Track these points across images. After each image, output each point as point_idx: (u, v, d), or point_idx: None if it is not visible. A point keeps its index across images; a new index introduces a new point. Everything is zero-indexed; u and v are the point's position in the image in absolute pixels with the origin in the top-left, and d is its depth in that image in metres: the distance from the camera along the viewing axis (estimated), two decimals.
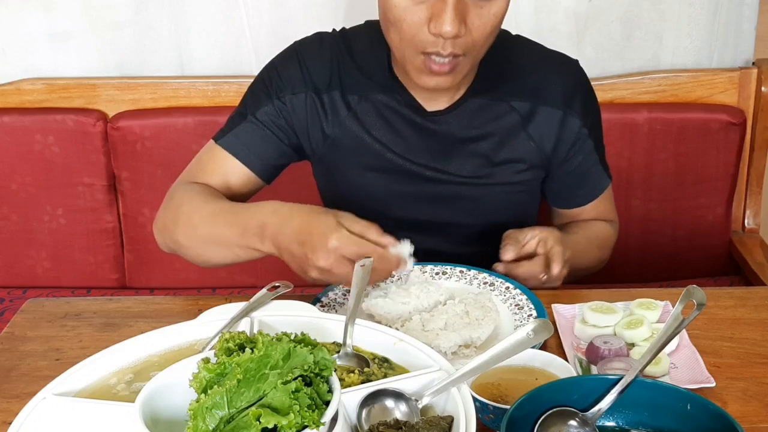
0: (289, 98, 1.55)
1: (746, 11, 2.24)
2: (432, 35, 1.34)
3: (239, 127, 1.56)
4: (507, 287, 1.42)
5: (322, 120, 1.55)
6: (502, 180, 1.57)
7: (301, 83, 1.55)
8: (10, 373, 1.26)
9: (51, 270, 2.34)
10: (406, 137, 1.55)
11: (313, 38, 1.60)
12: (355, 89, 1.55)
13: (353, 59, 1.55)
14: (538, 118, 1.54)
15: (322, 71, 1.55)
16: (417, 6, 1.34)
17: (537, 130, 1.55)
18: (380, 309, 1.33)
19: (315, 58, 1.56)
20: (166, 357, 1.08)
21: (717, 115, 2.17)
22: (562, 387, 1.03)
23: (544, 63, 1.57)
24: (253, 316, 1.16)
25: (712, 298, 1.25)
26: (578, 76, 1.59)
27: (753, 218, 2.30)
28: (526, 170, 1.57)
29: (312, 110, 1.55)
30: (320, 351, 0.89)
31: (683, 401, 1.00)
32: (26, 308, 1.44)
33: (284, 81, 1.55)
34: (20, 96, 2.27)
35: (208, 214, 1.44)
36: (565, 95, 1.54)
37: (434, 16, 1.33)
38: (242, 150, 1.55)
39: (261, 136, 1.55)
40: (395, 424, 0.95)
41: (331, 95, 1.55)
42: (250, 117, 1.55)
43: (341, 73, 1.55)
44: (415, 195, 1.58)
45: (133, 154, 2.24)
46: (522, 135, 1.55)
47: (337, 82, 1.55)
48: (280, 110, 1.55)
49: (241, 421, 0.83)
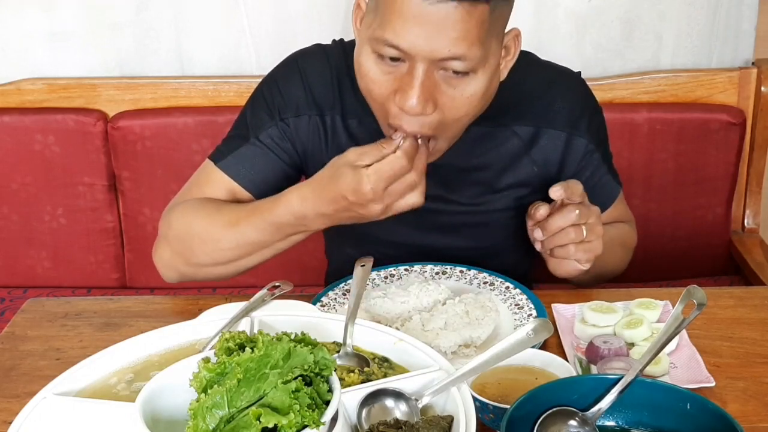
0: (293, 121, 1.47)
1: (746, 11, 2.24)
2: (397, 108, 1.26)
3: (240, 149, 1.47)
4: (507, 287, 1.42)
5: (322, 144, 1.49)
6: (502, 206, 1.51)
7: (305, 104, 1.47)
8: (10, 373, 1.26)
9: (51, 270, 2.34)
10: None
11: (314, 51, 1.51)
12: (356, 114, 1.46)
13: (353, 82, 1.39)
14: (542, 142, 1.47)
15: (325, 91, 1.47)
16: (386, 75, 1.26)
17: (541, 154, 1.48)
18: (380, 309, 1.34)
19: (317, 75, 1.47)
20: (166, 357, 1.08)
21: (717, 115, 2.17)
22: (562, 387, 1.04)
23: (550, 87, 1.48)
24: (253, 315, 1.16)
25: (712, 298, 1.25)
26: (584, 96, 1.52)
27: (753, 218, 2.30)
28: (529, 195, 1.49)
29: (314, 133, 1.48)
30: (320, 351, 0.89)
31: (683, 401, 1.00)
32: (27, 308, 1.44)
33: (286, 100, 1.47)
34: (21, 96, 2.28)
35: (228, 225, 1.38)
36: (570, 118, 1.47)
37: (400, 89, 1.24)
38: (244, 174, 1.46)
39: (265, 160, 1.47)
40: (395, 424, 0.95)
41: (333, 118, 1.47)
42: (252, 139, 1.47)
43: (342, 95, 1.47)
44: (415, 223, 1.51)
45: (133, 154, 2.24)
46: (525, 160, 1.48)
47: (339, 104, 1.47)
48: (284, 132, 1.47)
49: (241, 421, 0.83)
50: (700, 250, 2.26)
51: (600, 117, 1.55)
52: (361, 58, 1.29)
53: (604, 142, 1.55)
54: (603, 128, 1.56)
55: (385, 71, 1.26)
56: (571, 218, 1.32)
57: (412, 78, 1.23)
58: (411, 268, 1.48)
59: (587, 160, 1.50)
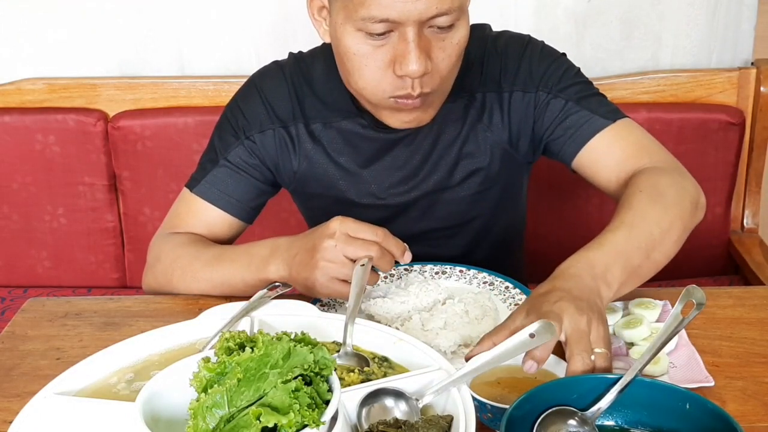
0: (258, 137, 1.51)
1: (745, 11, 2.25)
2: (398, 77, 1.30)
3: (212, 173, 1.52)
4: (506, 286, 1.43)
5: (290, 154, 1.53)
6: (470, 180, 1.53)
7: (267, 119, 1.51)
8: (10, 372, 1.26)
9: (52, 269, 2.35)
10: (375, 159, 1.52)
11: (271, 69, 1.56)
12: (318, 118, 1.51)
13: (312, 88, 1.51)
14: (492, 107, 1.49)
15: (284, 104, 1.51)
16: (377, 50, 1.29)
17: (497, 117, 1.49)
18: (380, 309, 1.34)
19: (275, 91, 1.52)
20: (166, 356, 1.09)
21: (716, 115, 2.17)
22: (561, 386, 1.04)
23: (484, 53, 1.49)
24: (253, 315, 1.16)
25: (711, 298, 1.25)
26: (516, 51, 1.50)
27: (752, 218, 2.30)
28: (490, 164, 1.52)
29: (281, 145, 1.52)
30: (320, 350, 0.89)
31: (682, 400, 1.00)
32: (27, 307, 1.44)
33: (249, 120, 1.52)
34: (21, 96, 2.28)
35: (210, 258, 1.43)
36: (513, 74, 1.48)
37: (398, 57, 1.28)
38: (219, 196, 1.51)
39: (236, 179, 1.52)
40: (395, 424, 0.95)
41: (297, 127, 1.51)
42: (222, 161, 1.52)
43: (302, 104, 1.51)
44: (396, 213, 1.56)
45: (133, 154, 2.24)
46: (479, 127, 1.50)
47: (299, 113, 1.51)
48: (252, 150, 1.52)
49: (241, 420, 0.83)
50: (699, 250, 2.26)
51: (543, 59, 1.50)
52: (345, 42, 1.31)
53: (565, 86, 1.48)
54: (556, 71, 1.49)
55: (376, 46, 1.29)
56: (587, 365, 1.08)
57: (407, 43, 1.27)
58: (410, 267, 1.49)
59: (548, 106, 1.47)
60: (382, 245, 1.27)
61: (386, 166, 1.53)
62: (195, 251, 1.45)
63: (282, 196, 1.70)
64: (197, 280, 1.43)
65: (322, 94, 1.51)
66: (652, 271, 1.28)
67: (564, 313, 1.09)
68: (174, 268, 1.46)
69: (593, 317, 1.10)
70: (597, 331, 1.09)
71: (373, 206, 1.55)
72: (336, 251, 1.26)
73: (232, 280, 1.40)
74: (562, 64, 1.51)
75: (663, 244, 1.28)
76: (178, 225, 1.54)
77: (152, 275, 1.51)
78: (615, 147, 1.44)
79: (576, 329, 1.08)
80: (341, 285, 1.28)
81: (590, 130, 1.45)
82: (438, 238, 1.59)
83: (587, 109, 1.46)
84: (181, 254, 1.46)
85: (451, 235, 1.60)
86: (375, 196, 1.55)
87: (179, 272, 1.45)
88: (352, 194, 1.55)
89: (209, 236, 1.53)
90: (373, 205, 1.55)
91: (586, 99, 1.48)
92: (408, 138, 1.50)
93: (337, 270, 1.27)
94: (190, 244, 1.48)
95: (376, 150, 1.52)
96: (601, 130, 1.44)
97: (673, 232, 1.30)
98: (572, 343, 1.07)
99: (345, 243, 1.26)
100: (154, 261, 1.51)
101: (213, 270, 1.42)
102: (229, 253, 1.43)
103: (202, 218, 1.52)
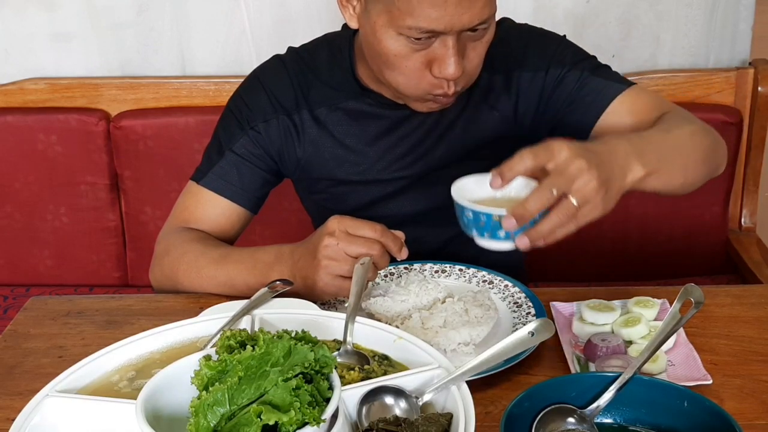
0: (262, 126, 1.54)
1: (743, 11, 2.25)
2: (435, 77, 1.35)
3: (218, 164, 1.54)
4: (506, 285, 1.43)
5: (294, 141, 1.55)
6: (474, 157, 1.54)
7: (270, 109, 1.54)
8: (13, 371, 1.27)
9: (54, 268, 2.36)
10: (382, 136, 1.54)
11: (271, 62, 1.59)
12: (323, 102, 1.54)
13: (316, 74, 1.55)
14: (497, 88, 1.53)
15: (287, 94, 1.54)
16: (417, 53, 1.34)
17: (504, 97, 1.53)
18: (380, 307, 1.34)
19: (277, 81, 1.55)
20: (167, 354, 1.09)
21: (714, 115, 2.17)
22: (560, 384, 1.04)
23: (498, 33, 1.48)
24: (254, 313, 1.17)
25: (709, 296, 1.26)
26: (527, 32, 1.56)
27: (749, 217, 2.31)
28: (497, 140, 1.54)
29: (285, 133, 1.55)
30: (321, 348, 0.89)
31: (680, 398, 1.01)
32: (29, 306, 1.45)
33: (253, 110, 1.55)
34: (23, 96, 2.29)
35: (217, 257, 1.44)
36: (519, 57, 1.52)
37: (437, 60, 1.33)
38: (226, 186, 1.54)
39: (242, 170, 1.54)
40: (395, 421, 0.95)
41: (300, 114, 1.54)
42: (228, 153, 1.54)
43: (305, 91, 1.54)
44: (400, 190, 1.58)
45: (135, 154, 2.25)
46: (483, 107, 1.53)
47: (303, 101, 1.54)
48: (256, 140, 1.54)
49: (242, 418, 0.83)
50: (697, 249, 2.27)
51: (546, 41, 1.55)
52: (386, 43, 1.34)
53: (578, 59, 1.53)
54: (566, 48, 1.54)
55: (415, 49, 1.34)
56: (545, 198, 1.11)
57: (447, 49, 1.32)
58: (410, 266, 1.49)
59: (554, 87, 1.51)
60: (381, 242, 1.29)
61: (392, 143, 1.55)
62: (203, 248, 1.47)
63: (282, 196, 1.71)
64: (201, 277, 1.44)
65: (328, 80, 1.54)
66: (680, 178, 1.34)
67: (576, 159, 1.12)
68: (180, 262, 1.47)
69: (595, 175, 1.12)
70: (588, 184, 1.11)
71: (376, 183, 1.57)
72: (337, 248, 1.28)
73: (236, 281, 1.41)
74: (569, 43, 1.57)
75: (694, 152, 1.37)
76: (186, 217, 1.56)
77: (159, 267, 1.52)
78: (636, 106, 1.48)
79: (565, 168, 1.12)
80: (343, 282, 1.29)
81: (609, 95, 1.49)
82: (441, 218, 1.59)
83: (602, 77, 1.51)
84: (188, 249, 1.48)
85: (453, 215, 1.60)
86: (380, 173, 1.57)
87: (185, 267, 1.46)
88: (356, 174, 1.57)
89: (217, 227, 1.55)
90: (378, 181, 1.57)
91: (600, 69, 1.54)
92: (414, 115, 1.53)
93: (339, 267, 1.29)
94: (199, 240, 1.50)
95: (383, 128, 1.54)
96: (619, 94, 1.49)
97: (702, 148, 1.39)
98: (552, 175, 1.12)
99: (346, 241, 1.28)
100: (163, 254, 1.52)
101: (218, 269, 1.43)
102: (235, 255, 1.44)
103: (210, 209, 1.55)
